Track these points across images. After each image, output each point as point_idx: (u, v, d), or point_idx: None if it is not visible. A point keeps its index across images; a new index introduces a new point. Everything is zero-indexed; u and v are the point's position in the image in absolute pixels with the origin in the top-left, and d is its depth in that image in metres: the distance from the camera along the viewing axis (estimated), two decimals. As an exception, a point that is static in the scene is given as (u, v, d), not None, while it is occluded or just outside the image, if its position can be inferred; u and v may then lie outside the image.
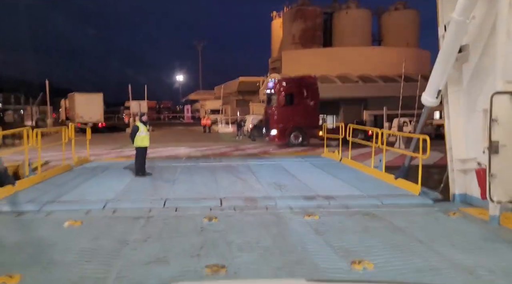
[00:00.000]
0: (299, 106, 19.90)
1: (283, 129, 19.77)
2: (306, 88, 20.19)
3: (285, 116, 19.79)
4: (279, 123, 19.87)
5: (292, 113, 19.72)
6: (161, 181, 9.17)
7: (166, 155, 17.47)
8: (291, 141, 19.83)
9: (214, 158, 14.01)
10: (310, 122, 19.84)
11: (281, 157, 14.22)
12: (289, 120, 19.67)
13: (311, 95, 20.21)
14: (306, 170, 10.56)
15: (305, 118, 19.73)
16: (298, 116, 19.68)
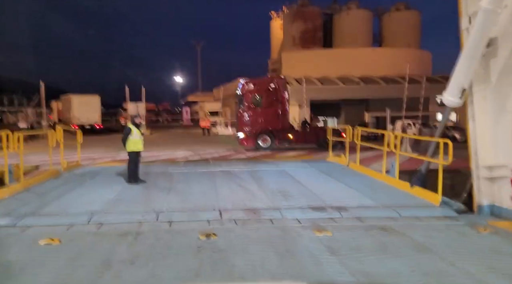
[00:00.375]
0: (267, 109, 19.11)
1: (251, 132, 19.14)
2: (275, 90, 19.22)
3: (253, 118, 19.14)
4: (247, 126, 19.24)
5: (259, 116, 19.05)
6: (155, 189, 8.40)
7: (164, 159, 16.72)
8: (259, 145, 19.13)
9: (213, 163, 13.24)
10: (279, 124, 19.10)
11: (284, 161, 13.44)
12: (257, 123, 19.05)
13: (280, 96, 19.22)
14: (312, 176, 9.80)
15: (273, 120, 19.04)
16: (266, 119, 18.98)
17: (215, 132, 38.24)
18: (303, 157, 15.44)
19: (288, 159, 14.55)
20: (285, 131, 19.08)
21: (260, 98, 19.04)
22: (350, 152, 11.81)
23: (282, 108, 19.25)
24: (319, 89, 35.47)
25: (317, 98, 34.98)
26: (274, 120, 19.01)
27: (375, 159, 14.44)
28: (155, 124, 63.62)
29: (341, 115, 36.58)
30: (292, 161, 13.39)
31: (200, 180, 9.51)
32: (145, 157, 17.95)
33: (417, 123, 25.12)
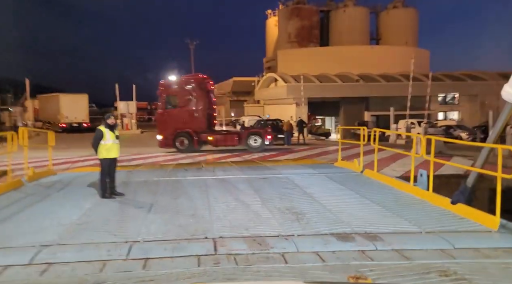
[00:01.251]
0: (183, 109, 17.88)
1: (168, 134, 17.88)
2: (192, 90, 18.01)
3: (170, 119, 17.91)
4: (164, 127, 18.03)
5: (176, 117, 17.80)
6: (133, 206, 6.72)
7: (151, 163, 15.04)
8: (177, 147, 17.89)
9: (207, 168, 11.58)
10: (198, 126, 17.84)
11: (285, 166, 11.80)
12: (174, 124, 17.76)
13: (200, 96, 17.98)
14: (324, 187, 8.17)
15: (190, 122, 17.79)
16: (183, 120, 17.74)
17: (209, 131, 36.59)
18: (303, 161, 13.84)
19: (288, 163, 12.92)
20: (203, 133, 17.86)
21: (175, 98, 17.96)
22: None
23: (202, 108, 18.00)
24: (317, 87, 33.90)
25: (315, 97, 33.41)
26: (191, 121, 17.79)
27: (386, 163, 12.90)
28: (147, 123, 61.72)
29: (340, 114, 35.07)
30: (295, 166, 11.75)
31: (190, 191, 7.85)
32: (131, 160, 16.31)
33: (422, 122, 23.65)
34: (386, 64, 43.22)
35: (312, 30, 55.13)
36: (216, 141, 17.98)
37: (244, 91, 56.67)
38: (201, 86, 18.17)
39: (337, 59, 45.73)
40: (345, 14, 54.85)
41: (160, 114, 18.43)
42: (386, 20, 56.24)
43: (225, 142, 18.06)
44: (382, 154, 14.89)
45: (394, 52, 49.73)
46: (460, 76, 36.59)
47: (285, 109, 35.47)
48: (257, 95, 45.03)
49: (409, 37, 55.38)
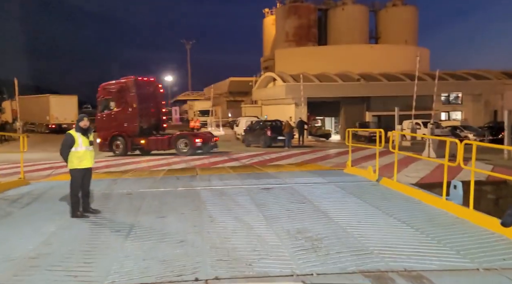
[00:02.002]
0: (117, 113, 17.65)
1: (105, 137, 17.78)
2: (125, 93, 17.60)
3: (107, 123, 17.85)
4: (102, 130, 17.83)
5: (111, 120, 17.68)
6: (109, 229, 5.45)
7: (144, 167, 13.79)
8: (113, 150, 17.77)
9: (201, 175, 10.32)
10: (129, 129, 17.57)
11: (289, 173, 10.54)
12: (110, 127, 17.69)
13: (132, 99, 17.53)
14: (338, 201, 6.94)
15: (123, 125, 17.57)
16: (117, 123, 17.57)
17: (205, 133, 35.34)
18: (308, 166, 12.61)
19: (291, 169, 11.67)
20: (136, 136, 17.57)
21: (109, 101, 17.84)
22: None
23: (132, 111, 17.53)
24: (317, 86, 32.71)
25: (314, 96, 32.22)
26: (123, 125, 17.56)
27: (397, 168, 11.72)
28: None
29: (341, 114, 33.89)
30: (300, 173, 10.49)
31: (180, 207, 6.59)
32: (121, 164, 15.05)
33: (429, 122, 22.48)
34: (386, 63, 42.12)
35: (310, 29, 53.96)
36: (148, 145, 17.69)
37: (241, 91, 55.44)
38: (140, 89, 17.77)
39: (336, 58, 44.59)
40: (343, 13, 53.72)
41: (99, 117, 18.14)
42: (386, 18, 55.17)
43: (156, 146, 17.74)
44: (389, 158, 13.70)
45: (394, 51, 48.66)
46: (463, 75, 35.52)
47: (284, 109, 34.26)
48: (255, 95, 43.80)
49: (408, 35, 54.34)
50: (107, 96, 17.84)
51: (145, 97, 17.89)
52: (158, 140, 17.65)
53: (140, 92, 17.65)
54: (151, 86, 18.60)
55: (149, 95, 18.21)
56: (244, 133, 24.47)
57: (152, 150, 17.83)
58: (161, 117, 19.08)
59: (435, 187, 10.79)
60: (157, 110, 18.72)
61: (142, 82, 18.13)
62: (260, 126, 22.74)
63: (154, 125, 18.46)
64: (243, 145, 24.32)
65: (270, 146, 21.66)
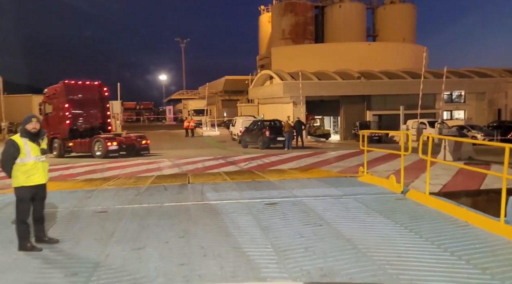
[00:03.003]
0: (54, 116, 18.58)
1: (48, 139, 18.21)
2: (56, 96, 18.46)
3: (46, 126, 17.78)
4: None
5: (49, 123, 18.24)
6: (62, 271, 3.99)
7: (130, 173, 12.34)
8: (52, 152, 18.08)
9: (193, 184, 8.85)
10: (61, 132, 18.17)
11: (295, 181, 9.09)
12: (49, 130, 17.72)
13: (62, 103, 18.23)
14: (362, 222, 5.50)
15: (56, 128, 18.17)
16: (54, 126, 18.23)
17: (199, 132, 33.79)
18: (314, 172, 11.19)
19: (295, 175, 10.24)
20: (67, 139, 18.09)
21: (45, 105, 18.84)
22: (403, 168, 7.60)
23: (62, 114, 18.21)
24: (316, 84, 31.35)
25: (313, 95, 30.86)
26: (58, 128, 18.19)
27: (413, 173, 10.36)
28: (135, 124, 58.71)
29: (340, 113, 32.54)
30: (308, 181, 9.03)
31: (164, 232, 5.14)
32: (105, 170, 13.56)
33: (437, 122, 21.17)
34: (384, 61, 40.93)
35: (307, 27, 52.64)
36: (74, 148, 18.19)
37: (236, 90, 54.03)
38: (72, 93, 18.33)
39: (334, 56, 43.32)
40: (340, 10, 52.47)
41: (43, 120, 18.30)
42: (383, 16, 53.99)
43: (81, 149, 18.06)
44: (399, 161, 12.32)
45: (392, 49, 47.51)
46: (465, 73, 34.32)
47: (281, 108, 32.87)
48: (251, 94, 42.37)
49: (406, 33, 53.22)
50: (46, 100, 18.84)
51: (80, 101, 18.49)
52: (82, 143, 17.91)
53: (73, 96, 18.30)
54: (90, 90, 19.04)
55: (87, 99, 18.70)
56: (241, 134, 23.04)
57: (78, 152, 18.16)
58: (104, 120, 19.44)
59: (460, 196, 9.43)
60: (98, 113, 19.16)
61: (76, 86, 18.69)
62: (258, 126, 21.32)
63: (94, 128, 18.72)
64: (239, 146, 22.89)
65: (268, 148, 20.27)
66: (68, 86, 18.32)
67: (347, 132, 31.96)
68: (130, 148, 17.75)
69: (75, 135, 17.97)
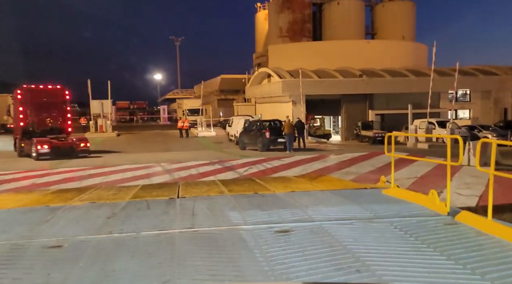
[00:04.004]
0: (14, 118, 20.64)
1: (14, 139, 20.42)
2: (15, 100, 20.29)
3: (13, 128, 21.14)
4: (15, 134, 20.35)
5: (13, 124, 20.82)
6: None
7: (113, 181, 10.73)
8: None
9: (183, 200, 7.21)
10: (17, 133, 19.78)
11: (305, 195, 7.45)
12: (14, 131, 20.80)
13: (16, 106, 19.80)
14: (415, 264, 3.92)
15: (16, 129, 19.92)
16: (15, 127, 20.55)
17: (195, 133, 32.13)
18: (325, 181, 9.59)
19: (305, 186, 8.61)
20: (21, 140, 19.15)
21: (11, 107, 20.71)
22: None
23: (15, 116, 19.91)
24: (316, 82, 29.79)
25: (313, 94, 29.30)
26: (16, 128, 20.00)
27: (435, 180, 8.84)
28: (128, 124, 56.84)
29: (342, 113, 31.01)
30: (320, 193, 7.41)
31: (136, 282, 3.54)
32: (86, 177, 11.85)
33: (448, 122, 19.68)
34: (384, 59, 39.50)
35: (305, 24, 51.12)
36: (25, 148, 18.86)
37: (232, 89, 52.42)
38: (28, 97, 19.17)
39: (332, 54, 41.83)
40: (339, 7, 51.00)
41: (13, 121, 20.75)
42: (382, 14, 52.60)
43: (29, 149, 18.35)
44: (409, 167, 10.77)
45: (392, 47, 46.13)
46: (470, 71, 32.92)
47: (280, 107, 31.29)
48: (248, 93, 40.76)
49: (406, 31, 51.88)
50: (12, 102, 20.95)
51: (39, 104, 19.40)
52: (28, 143, 18.40)
53: (30, 100, 19.25)
54: (50, 93, 20.02)
55: (46, 102, 19.69)
56: (239, 134, 21.44)
57: (28, 152, 18.34)
58: (64, 121, 20.24)
59: (505, 211, 7.91)
60: (58, 115, 20.03)
61: (35, 90, 19.78)
62: (257, 126, 19.71)
63: (54, 129, 19.36)
64: (237, 148, 21.31)
65: (268, 150, 18.71)
66: (26, 90, 19.47)
67: (349, 132, 30.45)
68: (68, 151, 17.92)
69: (32, 136, 18.20)
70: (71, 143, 18.33)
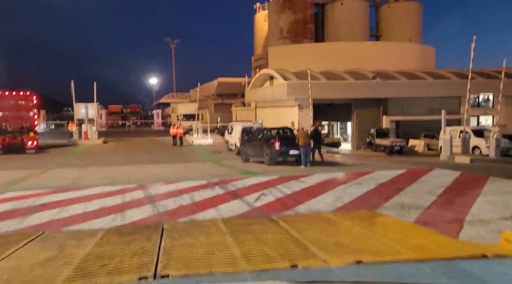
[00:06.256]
0: None
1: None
2: None
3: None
4: None
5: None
6: None
7: (71, 217, 7.37)
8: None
9: (165, 274, 3.87)
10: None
11: (383, 268, 4.15)
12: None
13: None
14: None
15: None
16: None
17: (189, 140, 28.65)
18: (391, 229, 6.21)
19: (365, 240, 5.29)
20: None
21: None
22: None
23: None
24: (325, 85, 26.51)
25: (321, 97, 26.01)
26: None
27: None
28: (120, 129, 53.20)
29: (353, 118, 27.73)
30: (418, 268, 4.12)
31: None
32: (29, 211, 8.29)
33: (493, 131, 16.43)
34: (390, 61, 36.38)
35: (307, 25, 47.98)
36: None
37: (230, 94, 49.13)
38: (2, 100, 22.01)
39: (336, 56, 38.66)
40: (342, 8, 47.95)
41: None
42: (387, 15, 49.64)
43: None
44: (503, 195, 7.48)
45: (399, 48, 43.06)
46: (491, 73, 29.85)
47: (284, 112, 27.99)
48: (248, 97, 37.42)
49: (412, 33, 48.91)
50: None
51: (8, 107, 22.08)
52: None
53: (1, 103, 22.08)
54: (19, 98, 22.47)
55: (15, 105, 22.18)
56: (241, 144, 18.06)
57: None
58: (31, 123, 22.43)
59: None
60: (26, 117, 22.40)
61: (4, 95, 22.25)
62: (263, 135, 16.34)
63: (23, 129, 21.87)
64: (238, 159, 17.92)
65: (277, 163, 15.37)
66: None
67: (360, 140, 27.18)
68: (16, 147, 21.13)
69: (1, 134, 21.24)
70: (20, 141, 21.39)
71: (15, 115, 22.20)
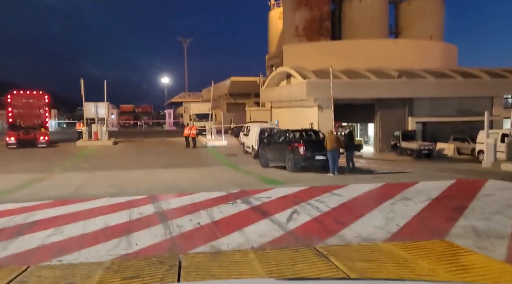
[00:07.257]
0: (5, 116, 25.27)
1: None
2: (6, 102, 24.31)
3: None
4: None
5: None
6: None
7: (66, 241, 6.02)
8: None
9: None
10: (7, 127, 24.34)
11: None
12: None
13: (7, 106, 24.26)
14: None
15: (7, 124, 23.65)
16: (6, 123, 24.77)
17: (203, 142, 27.25)
18: (461, 272, 4.64)
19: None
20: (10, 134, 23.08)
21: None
22: None
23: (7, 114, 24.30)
24: (347, 84, 24.86)
25: (343, 97, 24.33)
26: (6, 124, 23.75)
27: None
28: (131, 129, 52.15)
29: (376, 120, 25.98)
30: None
31: None
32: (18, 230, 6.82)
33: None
34: (412, 60, 34.41)
35: (323, 22, 46.17)
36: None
37: (243, 93, 47.64)
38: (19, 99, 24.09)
39: (354, 54, 36.79)
40: (361, 4, 46.02)
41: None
42: (408, 12, 47.58)
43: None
44: None
45: (420, 46, 40.97)
46: (525, 72, 27.76)
47: (302, 113, 26.40)
48: (263, 96, 35.90)
49: (433, 30, 46.75)
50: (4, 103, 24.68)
51: (23, 105, 23.88)
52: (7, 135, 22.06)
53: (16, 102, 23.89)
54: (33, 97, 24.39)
55: (29, 104, 24.05)
56: (260, 147, 16.56)
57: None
58: (43, 120, 24.47)
59: None
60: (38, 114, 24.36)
61: (21, 95, 24.26)
62: (285, 138, 14.81)
63: (35, 125, 23.84)
64: (256, 163, 16.46)
65: (300, 169, 13.84)
66: (13, 95, 24.22)
67: (384, 143, 25.43)
68: (30, 142, 22.73)
69: (17, 130, 23.00)
70: (33, 136, 23.01)
71: (29, 112, 23.91)
